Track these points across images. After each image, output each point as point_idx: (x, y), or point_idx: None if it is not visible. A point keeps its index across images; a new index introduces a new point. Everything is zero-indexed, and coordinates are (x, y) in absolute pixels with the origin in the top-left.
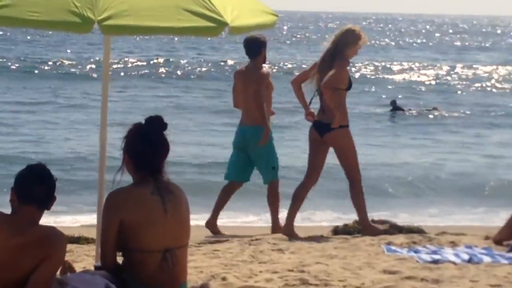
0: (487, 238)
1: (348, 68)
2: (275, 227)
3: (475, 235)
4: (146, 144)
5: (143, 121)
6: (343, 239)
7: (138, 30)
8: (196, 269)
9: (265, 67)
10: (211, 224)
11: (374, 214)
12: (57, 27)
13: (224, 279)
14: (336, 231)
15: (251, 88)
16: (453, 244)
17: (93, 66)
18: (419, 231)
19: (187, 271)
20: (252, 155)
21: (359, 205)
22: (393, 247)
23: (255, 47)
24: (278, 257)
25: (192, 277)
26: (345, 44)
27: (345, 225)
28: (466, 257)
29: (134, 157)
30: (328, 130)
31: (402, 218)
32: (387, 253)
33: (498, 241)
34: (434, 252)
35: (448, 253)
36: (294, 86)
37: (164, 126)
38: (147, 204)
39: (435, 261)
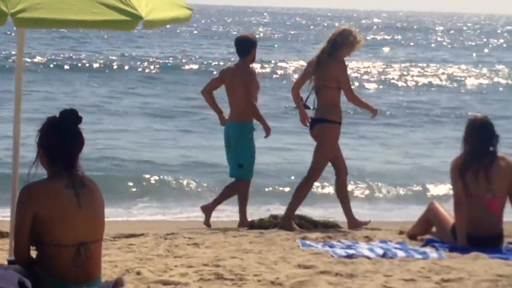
0: (401, 233)
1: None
2: (207, 221)
3: (389, 230)
4: (60, 138)
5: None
6: (258, 234)
7: (52, 23)
8: (110, 263)
9: (253, 66)
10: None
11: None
12: None
13: (138, 273)
14: (252, 225)
15: (239, 86)
16: (368, 239)
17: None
18: (334, 226)
19: (101, 265)
20: (231, 149)
21: (298, 198)
22: (308, 242)
23: (245, 46)
24: (193, 251)
25: (106, 272)
26: (341, 44)
27: (261, 220)
28: (380, 251)
29: (48, 151)
30: (319, 122)
31: (318, 213)
32: (302, 248)
33: (412, 236)
34: (349, 247)
35: (363, 248)
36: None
37: (78, 119)
38: (61, 198)
39: (349, 256)
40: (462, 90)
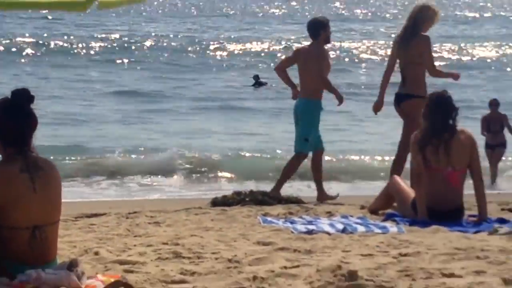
0: (363, 207)
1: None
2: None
3: (352, 204)
4: (12, 118)
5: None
6: (221, 211)
7: (2, 5)
8: (70, 243)
9: (325, 47)
10: (276, 190)
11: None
12: None
13: (96, 253)
14: (215, 202)
15: (312, 65)
16: (329, 214)
17: None
18: (297, 201)
19: (57, 247)
20: (299, 124)
21: (397, 172)
22: (269, 218)
23: (315, 28)
24: (154, 230)
25: (64, 252)
26: (422, 21)
27: (224, 197)
28: (340, 227)
29: (0, 132)
30: (407, 98)
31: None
32: (263, 224)
33: (373, 211)
34: (310, 223)
35: (323, 223)
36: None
37: (31, 98)
38: (16, 182)
39: (309, 232)
40: None
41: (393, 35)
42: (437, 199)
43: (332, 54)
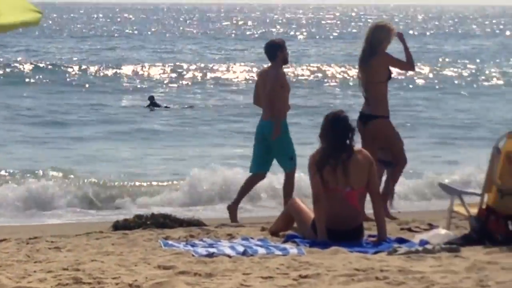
0: (263, 229)
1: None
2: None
3: (253, 226)
4: None
5: None
6: (122, 235)
7: None
8: None
9: (282, 68)
10: (232, 209)
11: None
12: None
13: None
14: (116, 226)
15: (270, 87)
16: (230, 237)
17: None
18: (198, 224)
19: None
20: (272, 147)
21: (394, 181)
22: (170, 242)
23: (272, 50)
24: (54, 255)
25: None
26: (379, 41)
27: (125, 220)
28: (241, 249)
29: None
30: (371, 119)
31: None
32: (164, 248)
33: (274, 232)
34: (211, 245)
35: (224, 246)
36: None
37: None
38: None
39: (210, 255)
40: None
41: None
42: (336, 219)
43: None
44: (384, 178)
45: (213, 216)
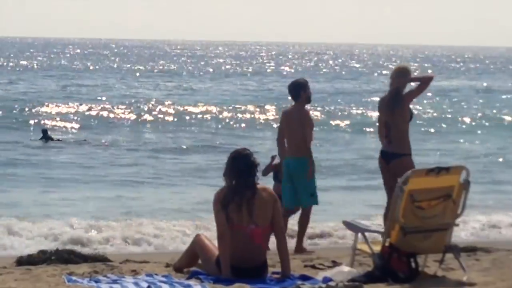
0: (168, 265)
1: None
2: (299, 248)
3: (158, 262)
4: None
5: None
6: (25, 270)
7: None
8: None
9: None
10: (300, 249)
11: None
12: None
13: None
14: (20, 261)
15: (295, 126)
16: (135, 273)
17: None
18: (104, 259)
19: None
20: (296, 183)
21: None
22: (74, 277)
23: (295, 90)
24: None
25: None
26: (404, 85)
27: (29, 256)
28: (145, 285)
29: None
30: (396, 157)
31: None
32: (68, 284)
33: (178, 269)
34: (115, 281)
35: (128, 282)
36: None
37: None
38: None
39: None
40: None
41: None
42: (240, 256)
43: None
44: None
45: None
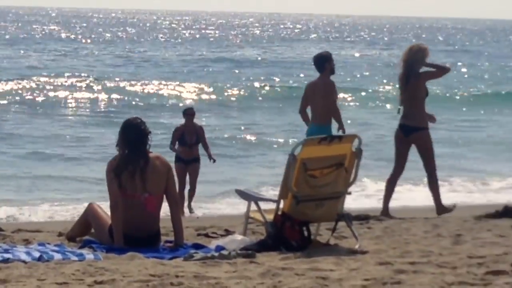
0: (60, 234)
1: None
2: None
3: (51, 231)
4: None
5: None
6: None
7: None
8: None
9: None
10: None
11: None
12: None
13: None
14: None
15: (320, 96)
16: (27, 242)
17: None
18: None
19: None
20: None
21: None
22: None
23: (320, 62)
24: None
25: None
26: (417, 62)
27: None
28: (37, 254)
29: None
30: (413, 131)
31: None
32: None
33: (71, 238)
34: (6, 251)
35: (20, 252)
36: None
37: None
38: None
39: (5, 260)
40: None
41: None
42: (134, 225)
43: None
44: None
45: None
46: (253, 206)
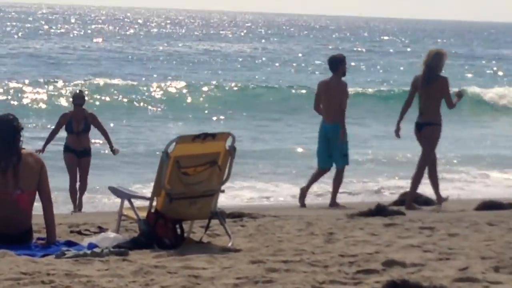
0: None
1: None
2: (333, 203)
3: None
4: None
5: None
6: None
7: None
8: None
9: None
10: (304, 191)
11: None
12: None
13: None
14: None
15: (332, 95)
16: None
17: None
18: None
19: None
20: (331, 146)
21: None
22: None
23: (335, 63)
24: None
25: None
26: (438, 66)
27: None
28: None
29: None
30: (425, 125)
31: None
32: None
33: None
34: None
35: None
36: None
37: None
38: None
39: None
40: None
41: None
42: (5, 223)
43: None
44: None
45: None
46: (127, 204)
